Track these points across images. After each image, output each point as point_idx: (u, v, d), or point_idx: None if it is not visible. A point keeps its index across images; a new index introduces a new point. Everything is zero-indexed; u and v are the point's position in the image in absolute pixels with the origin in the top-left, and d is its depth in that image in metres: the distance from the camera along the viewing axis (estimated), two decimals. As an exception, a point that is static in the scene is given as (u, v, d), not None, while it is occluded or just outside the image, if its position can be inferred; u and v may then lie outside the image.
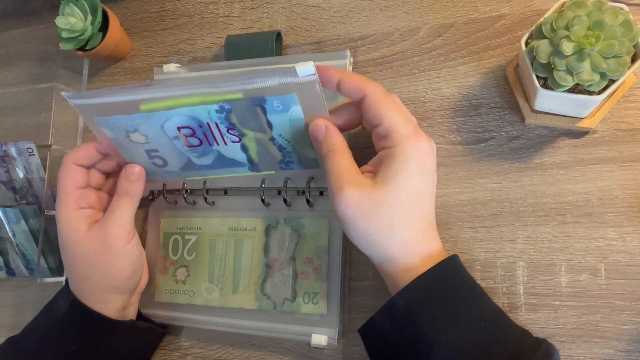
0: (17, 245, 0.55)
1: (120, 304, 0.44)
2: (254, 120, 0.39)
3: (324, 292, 0.44)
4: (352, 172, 0.37)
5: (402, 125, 0.36)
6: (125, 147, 0.43)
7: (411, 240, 0.36)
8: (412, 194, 0.36)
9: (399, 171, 0.36)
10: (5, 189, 0.58)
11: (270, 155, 0.42)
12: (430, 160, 0.37)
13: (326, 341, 0.43)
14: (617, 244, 0.40)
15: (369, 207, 0.36)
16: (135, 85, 0.38)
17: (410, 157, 0.36)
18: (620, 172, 0.41)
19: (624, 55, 0.36)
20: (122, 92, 0.38)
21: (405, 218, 0.36)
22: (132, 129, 0.41)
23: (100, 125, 0.41)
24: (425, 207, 0.37)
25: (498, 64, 0.45)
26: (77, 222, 0.43)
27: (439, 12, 0.48)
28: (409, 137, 0.36)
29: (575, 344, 0.39)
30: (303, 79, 0.35)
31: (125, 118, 0.40)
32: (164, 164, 0.44)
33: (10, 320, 0.56)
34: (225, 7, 0.56)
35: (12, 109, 0.62)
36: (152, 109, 0.39)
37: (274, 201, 0.47)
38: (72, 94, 0.39)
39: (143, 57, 0.58)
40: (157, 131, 0.41)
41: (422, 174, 0.36)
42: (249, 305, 0.46)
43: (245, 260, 0.47)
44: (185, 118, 0.39)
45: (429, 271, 0.35)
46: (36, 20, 0.64)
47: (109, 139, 0.42)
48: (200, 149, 0.42)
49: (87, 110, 0.40)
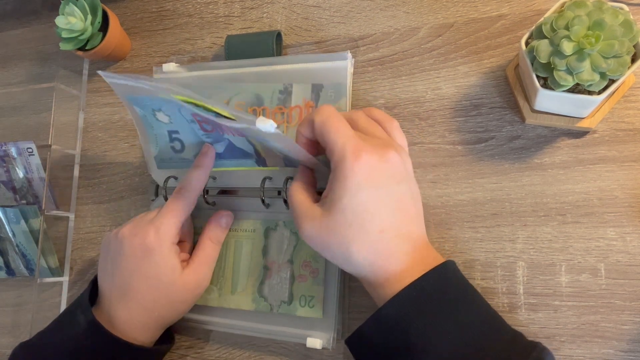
0: (17, 245, 0.55)
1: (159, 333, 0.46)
2: (248, 134, 0.41)
3: (320, 295, 0.44)
4: (305, 205, 0.38)
5: (341, 145, 0.36)
6: (152, 127, 0.46)
7: (376, 259, 0.36)
8: (360, 212, 0.35)
9: (341, 193, 0.35)
10: (5, 189, 0.58)
11: (273, 152, 0.43)
12: (379, 173, 0.36)
13: (321, 345, 0.43)
14: (617, 244, 0.40)
15: (324, 235, 0.36)
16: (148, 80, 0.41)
17: (348, 177, 0.35)
18: (620, 172, 0.41)
19: (624, 55, 0.36)
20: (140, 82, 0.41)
21: (359, 237, 0.35)
22: (157, 108, 0.44)
23: (132, 102, 0.45)
24: (383, 221, 0.36)
25: (498, 64, 0.45)
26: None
27: (439, 12, 0.48)
28: (346, 156, 0.35)
29: (575, 344, 0.39)
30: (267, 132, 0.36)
31: (149, 99, 0.43)
32: (181, 149, 0.47)
33: (10, 320, 0.56)
34: (225, 7, 0.56)
35: (12, 109, 0.62)
36: (167, 98, 0.42)
37: (273, 202, 0.47)
38: (108, 74, 0.42)
39: (143, 57, 0.58)
40: (176, 114, 0.44)
41: (369, 189, 0.35)
42: (247, 306, 0.46)
43: (244, 261, 0.47)
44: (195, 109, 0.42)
45: (416, 281, 0.35)
46: (36, 20, 0.64)
47: (138, 116, 0.46)
48: (214, 134, 0.44)
49: (121, 89, 0.44)
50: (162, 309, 0.43)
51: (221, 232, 0.46)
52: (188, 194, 0.44)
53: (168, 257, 0.42)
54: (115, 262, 0.43)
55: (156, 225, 0.42)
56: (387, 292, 0.35)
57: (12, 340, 0.56)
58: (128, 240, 0.42)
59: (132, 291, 0.42)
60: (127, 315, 0.42)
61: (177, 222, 0.43)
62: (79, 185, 0.57)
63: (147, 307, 0.42)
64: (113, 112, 0.58)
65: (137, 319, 0.42)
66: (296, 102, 0.48)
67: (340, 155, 0.36)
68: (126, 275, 0.42)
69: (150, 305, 0.42)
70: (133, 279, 0.42)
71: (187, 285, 0.43)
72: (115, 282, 0.43)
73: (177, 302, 0.43)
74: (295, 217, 0.39)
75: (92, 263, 0.55)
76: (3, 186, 0.58)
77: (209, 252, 0.45)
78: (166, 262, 0.42)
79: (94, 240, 0.55)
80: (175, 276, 0.42)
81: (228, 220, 0.47)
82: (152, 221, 0.43)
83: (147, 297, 0.42)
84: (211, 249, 0.45)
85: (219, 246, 0.46)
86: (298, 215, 0.38)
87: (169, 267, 0.42)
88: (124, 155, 0.56)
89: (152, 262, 0.42)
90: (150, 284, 0.42)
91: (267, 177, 0.46)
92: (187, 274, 0.43)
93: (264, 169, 0.46)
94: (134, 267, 0.42)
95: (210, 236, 0.45)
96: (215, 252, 0.46)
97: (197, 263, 0.44)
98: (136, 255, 0.42)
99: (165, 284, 0.42)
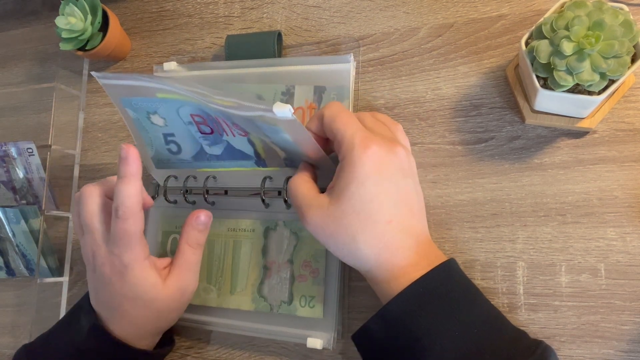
0: (17, 245, 0.55)
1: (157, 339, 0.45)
2: (253, 129, 0.41)
3: (320, 296, 0.44)
4: (311, 194, 0.38)
5: (349, 136, 0.36)
6: (147, 130, 0.46)
7: (382, 250, 0.36)
8: (368, 201, 0.35)
9: (349, 181, 0.36)
10: (5, 189, 0.58)
11: (274, 152, 0.43)
12: (387, 164, 0.36)
13: (321, 345, 0.43)
14: (617, 244, 0.40)
15: (331, 223, 0.36)
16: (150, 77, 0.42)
17: (357, 166, 0.35)
18: (620, 172, 0.41)
19: (624, 56, 0.36)
20: (140, 79, 0.42)
21: (366, 227, 0.35)
22: (152, 111, 0.44)
23: (125, 105, 0.44)
24: (390, 213, 0.36)
25: (498, 64, 0.45)
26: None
27: (439, 12, 0.48)
28: (355, 146, 0.36)
29: (575, 344, 0.39)
30: (282, 118, 0.36)
31: (145, 100, 0.43)
32: (178, 151, 0.46)
33: (11, 320, 0.56)
34: (225, 7, 0.56)
35: (12, 109, 0.62)
36: (166, 97, 0.42)
37: (273, 202, 0.47)
38: (102, 74, 0.42)
39: (143, 57, 0.58)
40: (173, 116, 0.43)
41: (376, 179, 0.36)
42: (246, 306, 0.46)
43: (244, 261, 0.47)
44: (195, 108, 0.42)
45: (421, 278, 0.35)
46: (36, 20, 0.64)
47: (131, 119, 0.45)
48: (212, 137, 0.44)
49: (114, 90, 0.44)
50: (153, 322, 0.43)
51: (198, 233, 0.43)
52: (128, 215, 0.38)
53: (143, 276, 0.40)
54: (97, 287, 0.42)
55: (116, 254, 0.39)
56: (393, 287, 0.36)
57: (12, 340, 0.56)
58: (98, 268, 0.41)
59: (120, 311, 0.41)
60: (121, 330, 0.42)
61: (135, 243, 0.39)
62: (79, 185, 0.57)
63: (138, 324, 0.42)
64: (113, 112, 0.58)
65: (131, 333, 0.42)
66: (298, 104, 0.48)
67: (349, 145, 0.36)
68: (109, 298, 0.41)
69: (141, 321, 0.42)
70: (117, 301, 0.41)
71: (172, 296, 0.42)
72: (103, 303, 0.42)
73: (166, 312, 0.43)
74: (300, 207, 0.38)
75: (92, 263, 0.55)
76: (3, 186, 0.58)
77: (188, 257, 0.43)
78: (143, 281, 0.40)
79: (94, 240, 0.55)
80: (157, 291, 0.41)
81: (205, 221, 0.43)
82: (111, 251, 0.40)
83: (135, 315, 0.41)
84: (190, 253, 0.43)
85: (198, 249, 0.44)
86: (303, 204, 0.38)
87: (148, 285, 0.40)
88: (124, 155, 0.56)
89: (130, 284, 0.40)
90: (135, 304, 0.41)
91: (267, 177, 0.46)
92: (168, 285, 0.42)
93: (265, 169, 0.46)
94: (116, 291, 0.40)
95: (187, 239, 0.43)
96: (195, 255, 0.43)
97: (178, 270, 0.42)
98: (112, 280, 0.40)
99: (149, 301, 0.41)
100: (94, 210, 0.40)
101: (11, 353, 0.55)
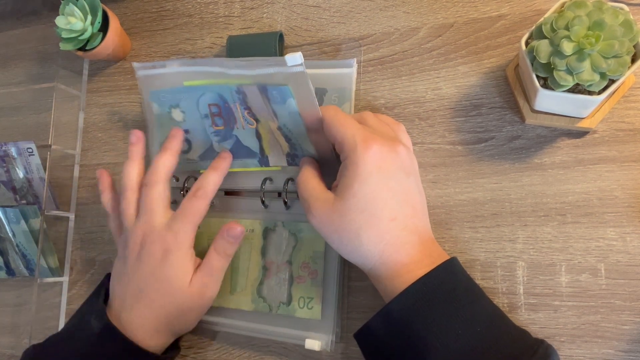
0: (17, 245, 0.55)
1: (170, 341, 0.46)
2: (263, 107, 0.42)
3: (319, 297, 0.44)
4: (317, 190, 0.39)
5: (351, 136, 0.37)
6: (164, 127, 0.48)
7: (385, 247, 0.36)
8: (371, 198, 0.36)
9: (352, 180, 0.36)
10: (5, 189, 0.58)
11: (279, 146, 0.44)
12: (389, 163, 0.37)
13: (320, 347, 0.43)
14: (617, 244, 0.40)
15: (336, 219, 0.37)
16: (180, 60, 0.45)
17: (360, 164, 0.36)
18: (620, 172, 0.41)
19: (624, 55, 0.36)
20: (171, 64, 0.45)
21: (370, 223, 0.36)
22: (175, 104, 0.46)
23: (152, 98, 0.47)
24: (393, 210, 0.36)
25: (498, 64, 0.45)
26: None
27: (439, 12, 0.48)
28: (357, 145, 0.37)
29: (575, 344, 0.39)
30: (293, 69, 0.38)
31: (171, 91, 0.46)
32: (188, 149, 0.48)
33: (10, 320, 0.56)
34: (225, 7, 0.56)
35: (12, 109, 0.62)
36: (192, 84, 0.44)
37: (272, 203, 0.47)
38: (140, 65, 0.47)
39: (143, 57, 0.58)
40: (193, 108, 0.46)
41: (379, 177, 0.36)
42: (246, 306, 0.46)
43: (243, 261, 0.47)
44: (215, 95, 0.44)
45: (425, 276, 0.35)
46: (36, 20, 0.64)
47: (154, 115, 0.48)
48: (223, 132, 0.46)
49: (146, 82, 0.47)
50: (170, 315, 0.43)
51: (227, 243, 0.44)
52: (204, 196, 0.43)
53: (184, 261, 0.42)
54: (134, 267, 0.43)
55: (174, 230, 0.42)
56: (396, 285, 0.36)
57: (12, 340, 0.56)
58: (147, 246, 0.42)
59: (144, 296, 0.42)
60: (140, 321, 0.42)
61: (194, 226, 0.43)
62: (79, 185, 0.57)
63: (155, 314, 0.43)
64: (113, 112, 0.58)
65: (148, 324, 0.43)
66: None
67: (351, 145, 0.37)
68: (142, 279, 0.43)
69: (159, 312, 0.42)
70: (147, 283, 0.42)
71: (192, 294, 0.43)
72: (131, 287, 0.43)
73: (184, 309, 0.43)
74: (307, 200, 0.39)
75: (92, 263, 0.55)
76: (3, 186, 0.58)
77: (212, 262, 0.44)
78: (181, 264, 0.42)
79: (94, 240, 0.55)
80: (184, 283, 0.42)
81: (235, 235, 0.44)
82: (169, 226, 0.43)
83: (157, 302, 0.42)
84: (216, 259, 0.44)
85: (225, 258, 0.44)
86: (311, 198, 0.39)
87: (183, 270, 0.42)
88: (124, 155, 0.56)
89: (169, 264, 0.42)
90: (161, 288, 0.42)
91: (267, 178, 0.46)
92: (193, 282, 0.43)
93: (266, 170, 0.46)
94: (150, 271, 0.42)
95: (216, 247, 0.44)
96: (220, 262, 0.44)
97: (201, 273, 0.43)
98: (155, 259, 0.42)
99: (174, 290, 0.42)
100: (160, 195, 0.44)
101: (11, 353, 0.55)
